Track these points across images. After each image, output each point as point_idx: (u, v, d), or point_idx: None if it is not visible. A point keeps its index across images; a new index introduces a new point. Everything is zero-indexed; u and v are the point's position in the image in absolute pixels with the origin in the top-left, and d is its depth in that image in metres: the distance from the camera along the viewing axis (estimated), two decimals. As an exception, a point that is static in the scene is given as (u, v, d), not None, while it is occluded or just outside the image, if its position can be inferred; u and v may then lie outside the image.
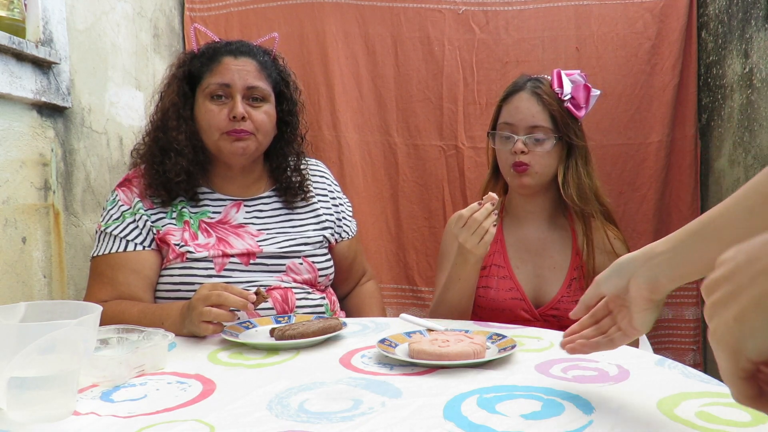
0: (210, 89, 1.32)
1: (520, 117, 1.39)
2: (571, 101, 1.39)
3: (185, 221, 1.33)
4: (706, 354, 2.09)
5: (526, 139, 1.37)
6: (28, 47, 1.27)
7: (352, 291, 1.58)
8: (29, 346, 0.71)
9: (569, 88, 1.39)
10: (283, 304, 1.30)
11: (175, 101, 1.34)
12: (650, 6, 1.98)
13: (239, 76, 1.32)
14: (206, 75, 1.34)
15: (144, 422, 0.75)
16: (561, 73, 1.40)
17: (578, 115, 1.40)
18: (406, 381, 0.87)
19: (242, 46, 1.38)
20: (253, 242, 1.33)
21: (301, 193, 1.43)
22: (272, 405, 0.79)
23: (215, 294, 1.07)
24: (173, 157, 1.31)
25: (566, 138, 1.39)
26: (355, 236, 1.53)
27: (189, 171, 1.33)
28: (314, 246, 1.38)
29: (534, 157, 1.37)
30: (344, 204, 1.53)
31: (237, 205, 1.38)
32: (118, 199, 1.33)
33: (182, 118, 1.33)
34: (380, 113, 2.08)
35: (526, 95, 1.40)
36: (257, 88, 1.34)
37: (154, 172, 1.32)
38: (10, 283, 1.26)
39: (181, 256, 1.28)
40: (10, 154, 1.27)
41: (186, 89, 1.36)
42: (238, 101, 1.31)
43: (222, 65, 1.33)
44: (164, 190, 1.32)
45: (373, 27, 2.06)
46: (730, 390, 0.44)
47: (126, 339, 0.98)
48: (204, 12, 2.09)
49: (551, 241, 1.43)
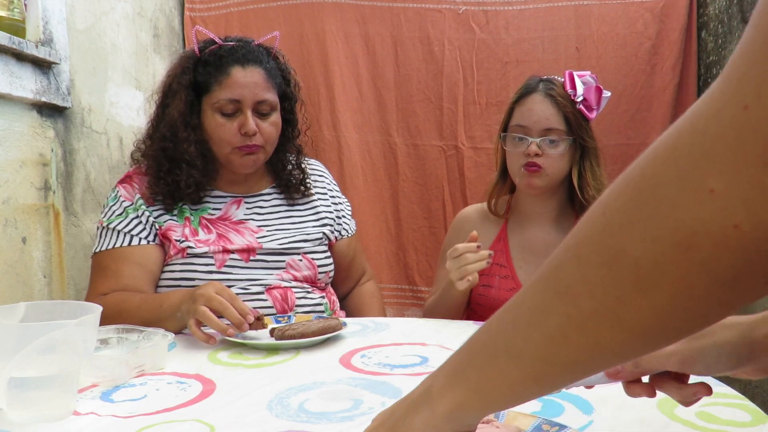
0: (219, 104, 1.31)
1: (534, 119, 1.37)
2: (583, 103, 1.38)
3: (186, 218, 1.33)
4: (706, 354, 2.08)
5: (540, 141, 1.36)
6: (28, 47, 1.27)
7: (351, 291, 1.59)
8: (29, 346, 0.71)
9: (582, 90, 1.38)
10: (283, 303, 1.30)
11: (183, 111, 1.32)
12: (650, 6, 1.98)
13: (249, 90, 1.31)
14: (215, 87, 1.32)
15: (144, 422, 0.75)
16: (573, 75, 1.39)
17: (590, 116, 1.39)
18: (406, 381, 0.87)
19: (248, 53, 1.34)
20: (252, 238, 1.33)
21: (302, 188, 1.44)
22: (272, 405, 0.79)
23: (218, 300, 1.06)
24: (185, 168, 1.31)
25: (579, 140, 1.38)
26: (354, 235, 1.54)
27: (199, 182, 1.33)
28: (314, 243, 1.39)
29: (547, 160, 1.36)
30: (343, 203, 1.54)
31: (237, 201, 1.39)
32: (119, 195, 1.33)
33: (191, 128, 1.32)
34: (380, 113, 2.08)
35: (540, 97, 1.38)
36: (266, 101, 1.33)
37: (161, 182, 1.32)
38: (10, 283, 1.26)
39: (182, 252, 1.28)
40: (10, 154, 1.27)
41: (192, 97, 1.34)
42: (249, 117, 1.30)
43: (231, 78, 1.31)
44: (169, 198, 1.32)
45: (373, 27, 2.06)
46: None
47: (126, 339, 0.99)
48: (204, 12, 2.09)
49: (556, 243, 1.41)
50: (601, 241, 0.36)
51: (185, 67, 1.36)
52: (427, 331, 1.15)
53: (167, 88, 1.37)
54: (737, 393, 0.79)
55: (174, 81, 1.36)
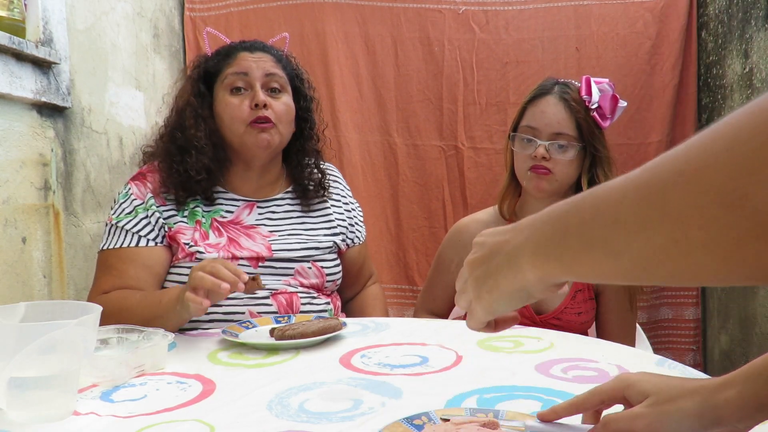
0: (228, 80, 1.33)
1: (545, 122, 1.35)
2: (597, 110, 1.35)
3: (197, 221, 1.31)
4: (705, 354, 2.09)
5: (549, 145, 1.33)
6: (28, 47, 1.27)
7: (357, 294, 1.57)
8: (29, 346, 0.71)
9: (597, 97, 1.35)
10: (288, 308, 1.29)
11: (191, 101, 1.34)
12: (650, 6, 1.99)
13: (257, 65, 1.33)
14: (224, 68, 1.35)
15: (144, 422, 0.75)
16: (591, 81, 1.37)
17: (603, 125, 1.36)
18: (406, 381, 0.87)
19: (257, 43, 1.39)
20: (263, 243, 1.32)
21: (321, 190, 1.43)
22: (272, 405, 0.79)
23: (210, 265, 1.06)
24: (194, 155, 1.30)
25: (591, 148, 1.36)
26: (364, 241, 1.53)
27: (209, 168, 1.32)
28: (324, 251, 1.37)
29: (556, 165, 1.34)
30: (356, 209, 1.52)
31: (250, 206, 1.37)
32: (131, 192, 1.32)
33: (200, 117, 1.33)
34: (380, 113, 2.08)
35: (554, 100, 1.36)
36: (275, 75, 1.34)
37: (174, 171, 1.31)
38: (10, 283, 1.26)
39: (190, 256, 1.27)
40: (10, 154, 1.27)
41: (203, 89, 1.35)
42: (259, 89, 1.31)
43: (239, 58, 1.34)
44: (182, 190, 1.31)
45: (373, 27, 2.06)
46: (469, 323, 0.63)
47: (126, 339, 0.98)
48: (204, 12, 2.09)
49: None
50: (724, 182, 0.36)
51: (195, 65, 1.40)
52: (427, 331, 1.15)
53: (179, 89, 1.40)
54: (737, 393, 0.79)
55: (186, 79, 1.39)
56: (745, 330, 1.82)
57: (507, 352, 1.00)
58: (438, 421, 0.69)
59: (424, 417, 0.70)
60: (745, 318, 1.81)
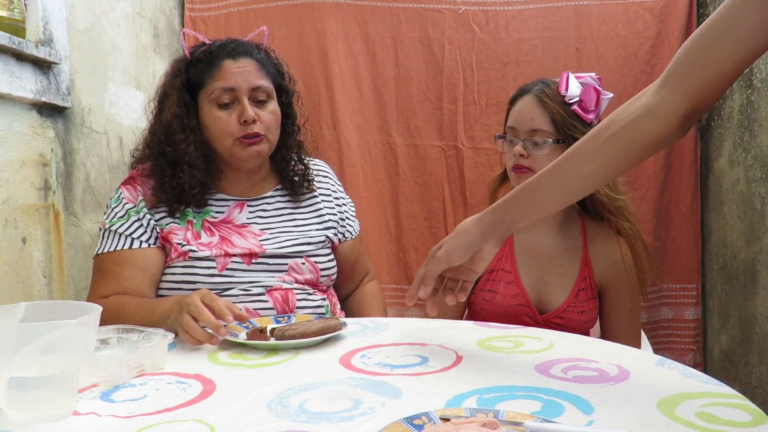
0: (215, 96, 1.31)
1: (520, 120, 1.38)
2: (579, 104, 1.37)
3: (188, 221, 1.32)
4: (705, 354, 2.09)
5: (525, 141, 1.37)
6: (28, 47, 1.28)
7: (354, 291, 1.58)
8: (29, 346, 0.71)
9: (577, 91, 1.37)
10: (284, 304, 1.30)
11: (178, 113, 1.32)
12: (650, 6, 1.99)
13: (242, 78, 1.31)
14: (208, 81, 1.32)
15: (144, 422, 0.75)
16: (569, 76, 1.39)
17: (587, 118, 1.37)
18: (406, 381, 0.87)
19: (238, 46, 1.36)
20: (255, 241, 1.33)
21: (306, 183, 1.43)
22: (272, 405, 0.79)
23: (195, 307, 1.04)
24: (187, 170, 1.30)
25: (571, 141, 1.35)
26: (358, 236, 1.53)
27: (203, 182, 1.32)
28: (317, 246, 1.38)
29: (535, 161, 1.36)
30: (347, 204, 1.53)
31: (240, 205, 1.38)
32: (122, 197, 1.33)
33: (188, 129, 1.32)
34: (380, 113, 2.08)
35: (530, 98, 1.39)
36: (261, 87, 1.33)
37: (166, 186, 1.31)
38: (10, 283, 1.26)
39: (183, 255, 1.28)
40: (10, 154, 1.27)
41: (187, 98, 1.34)
42: (246, 104, 1.30)
43: (223, 69, 1.31)
44: (176, 203, 1.31)
45: (373, 27, 2.06)
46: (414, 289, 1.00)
47: (126, 339, 0.98)
48: (204, 12, 2.09)
49: (561, 250, 1.42)
50: None
51: (177, 70, 1.36)
52: (427, 331, 1.15)
53: (161, 94, 1.37)
54: (737, 393, 0.79)
55: (167, 86, 1.36)
56: (745, 330, 1.82)
57: (507, 352, 1.00)
58: (438, 421, 0.69)
59: (424, 417, 0.70)
60: (745, 318, 1.81)
